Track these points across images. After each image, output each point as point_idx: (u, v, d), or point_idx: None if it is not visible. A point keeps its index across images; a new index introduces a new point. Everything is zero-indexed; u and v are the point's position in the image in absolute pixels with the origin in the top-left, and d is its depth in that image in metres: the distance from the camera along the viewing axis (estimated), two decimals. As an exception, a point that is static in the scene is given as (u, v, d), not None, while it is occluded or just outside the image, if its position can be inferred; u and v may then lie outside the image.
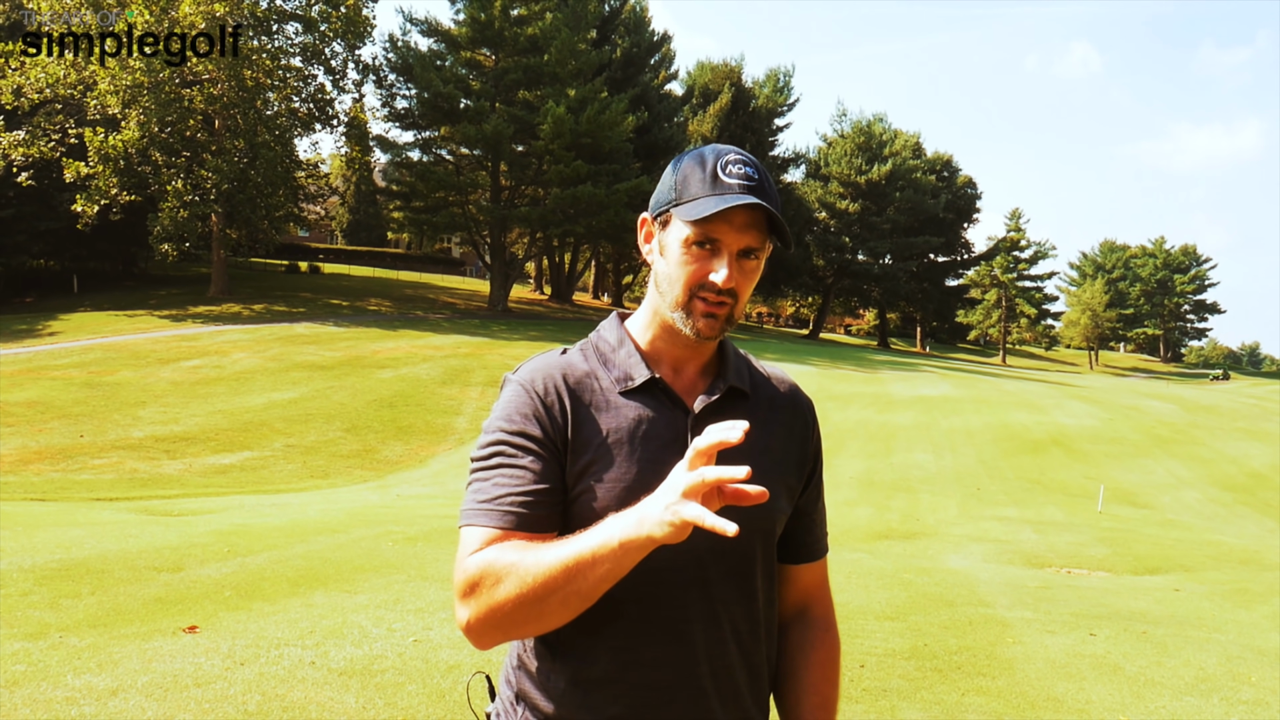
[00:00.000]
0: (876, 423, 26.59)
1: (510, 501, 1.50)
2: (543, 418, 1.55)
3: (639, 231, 1.68)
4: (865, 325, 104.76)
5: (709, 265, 1.55)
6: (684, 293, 1.56)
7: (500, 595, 1.41)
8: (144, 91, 40.80)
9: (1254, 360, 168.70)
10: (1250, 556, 13.86)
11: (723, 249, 1.55)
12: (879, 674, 5.79)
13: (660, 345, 1.66)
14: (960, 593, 9.04)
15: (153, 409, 24.10)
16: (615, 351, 1.65)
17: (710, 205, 1.52)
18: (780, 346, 54.96)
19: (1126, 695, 5.61)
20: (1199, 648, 6.98)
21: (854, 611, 7.73)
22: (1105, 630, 7.43)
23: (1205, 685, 5.89)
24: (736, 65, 71.22)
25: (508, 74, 50.02)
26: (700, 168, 1.58)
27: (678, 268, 1.57)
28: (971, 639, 6.89)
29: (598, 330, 1.71)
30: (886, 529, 15.09)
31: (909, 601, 8.38)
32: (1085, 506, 18.40)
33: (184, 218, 42.36)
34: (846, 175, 75.23)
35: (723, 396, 1.65)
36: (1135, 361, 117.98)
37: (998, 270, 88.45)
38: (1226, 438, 27.10)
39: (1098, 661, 6.37)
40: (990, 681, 5.76)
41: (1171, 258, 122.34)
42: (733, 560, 1.59)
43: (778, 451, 1.70)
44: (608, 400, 1.59)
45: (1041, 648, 6.71)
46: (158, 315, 41.66)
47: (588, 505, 1.53)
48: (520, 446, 1.53)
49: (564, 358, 1.65)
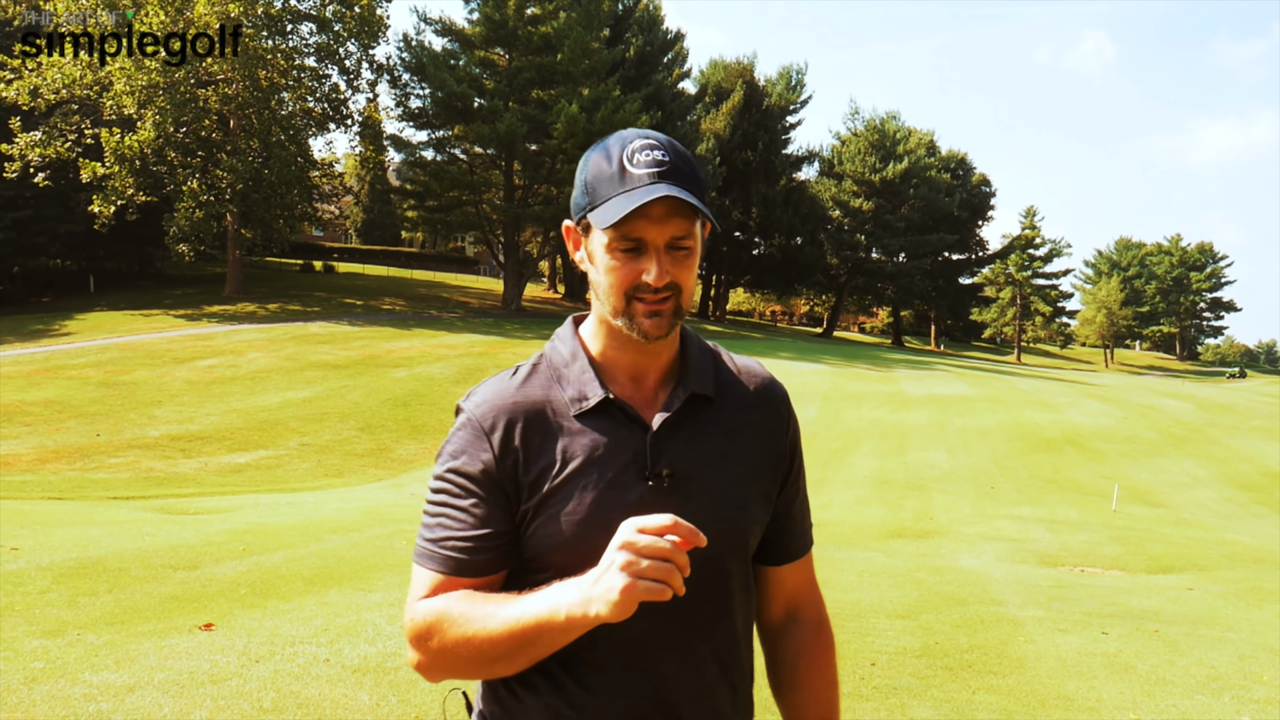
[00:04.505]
0: (890, 421, 26.56)
1: (453, 546, 1.49)
2: (490, 459, 1.49)
3: (566, 241, 1.58)
4: (879, 324, 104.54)
5: (639, 265, 1.47)
6: (620, 298, 1.48)
7: (449, 649, 1.44)
8: (159, 92, 41.03)
9: (1271, 358, 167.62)
10: (1265, 555, 13.81)
11: (648, 246, 1.46)
12: (889, 672, 5.81)
13: (613, 353, 1.57)
14: (972, 591, 9.04)
15: (168, 408, 24.25)
16: (569, 366, 1.56)
17: (620, 206, 1.43)
18: (794, 345, 54.92)
19: (1137, 693, 5.62)
20: (1211, 646, 6.98)
21: (865, 610, 7.74)
22: (1117, 629, 7.43)
23: (1217, 684, 5.89)
24: (749, 63, 71.14)
25: (521, 73, 50.09)
26: (607, 162, 1.48)
27: (607, 274, 1.49)
28: (983, 637, 6.90)
29: (553, 340, 1.63)
30: (899, 528, 15.08)
31: (921, 600, 8.39)
32: (1099, 505, 18.35)
33: (199, 218, 42.60)
34: (860, 173, 75.02)
35: (684, 407, 1.55)
36: (1151, 360, 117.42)
37: (1012, 268, 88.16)
38: (1243, 436, 26.98)
39: (1109, 660, 6.37)
40: (1001, 680, 5.77)
41: (1187, 255, 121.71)
42: (708, 581, 1.53)
43: (750, 458, 1.61)
44: (562, 426, 1.51)
45: (1053, 646, 6.72)
46: (173, 315, 41.89)
47: (545, 539, 1.49)
48: (464, 488, 1.50)
49: (517, 384, 1.56)
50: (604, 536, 1.36)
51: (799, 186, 74.18)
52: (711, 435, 1.57)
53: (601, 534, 1.38)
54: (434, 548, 1.50)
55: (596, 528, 1.44)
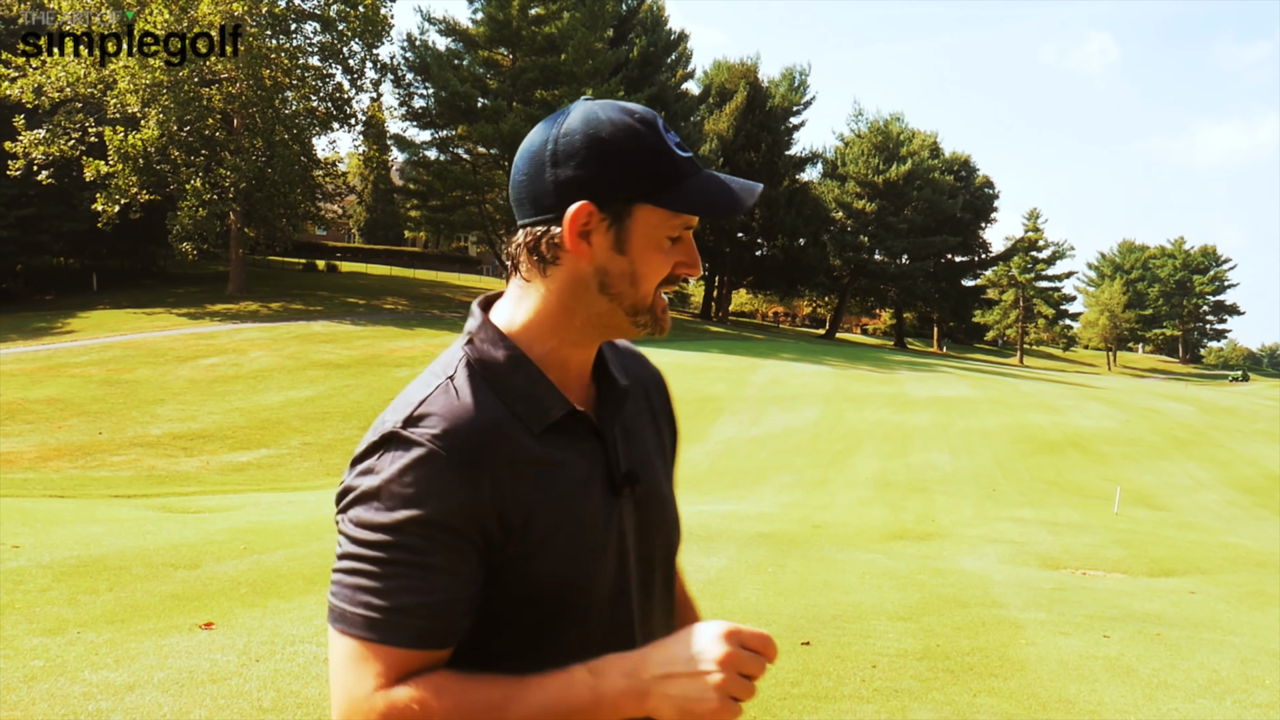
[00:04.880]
0: (893, 423, 26.54)
1: (425, 614, 1.19)
2: (467, 502, 1.21)
3: (570, 224, 1.27)
4: (882, 325, 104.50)
5: (673, 255, 1.32)
6: (653, 292, 1.32)
7: None
8: (163, 90, 41.08)
9: (1274, 362, 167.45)
10: (1267, 559, 13.78)
11: (688, 235, 1.34)
12: (890, 674, 5.80)
13: (567, 351, 1.35)
14: (974, 594, 9.02)
15: (170, 406, 24.27)
16: (512, 375, 1.31)
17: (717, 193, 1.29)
18: (796, 346, 54.90)
19: (1139, 697, 5.60)
20: (1213, 650, 6.96)
21: (866, 612, 7.73)
22: (1119, 632, 7.41)
23: (1219, 688, 5.87)
24: (752, 64, 71.21)
25: (525, 73, 50.14)
26: (647, 134, 1.30)
27: (647, 264, 1.30)
28: (984, 640, 6.89)
29: (473, 342, 1.34)
30: (901, 530, 15.05)
31: (922, 602, 8.38)
32: (1102, 508, 18.32)
33: (202, 216, 42.65)
34: (863, 175, 75.04)
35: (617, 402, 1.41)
36: (1154, 363, 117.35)
37: (1015, 270, 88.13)
38: (1245, 440, 26.95)
39: (1111, 663, 6.36)
40: (1002, 683, 5.76)
41: (1190, 258, 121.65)
42: (667, 585, 1.46)
43: (664, 447, 1.52)
44: (530, 449, 1.28)
45: (1054, 649, 6.70)
46: (176, 313, 41.93)
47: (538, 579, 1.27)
48: (434, 541, 1.19)
49: (469, 400, 1.27)
50: (596, 561, 1.30)
51: (802, 188, 74.22)
52: (641, 428, 1.46)
53: (593, 559, 1.30)
54: (397, 618, 1.17)
55: (589, 554, 1.30)
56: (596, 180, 1.27)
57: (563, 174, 1.28)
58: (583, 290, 1.31)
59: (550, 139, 1.30)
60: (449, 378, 1.29)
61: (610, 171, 1.27)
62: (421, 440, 1.21)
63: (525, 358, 1.32)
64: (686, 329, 58.28)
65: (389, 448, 1.22)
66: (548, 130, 1.32)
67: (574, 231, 1.27)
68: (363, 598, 1.18)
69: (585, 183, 1.27)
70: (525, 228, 1.32)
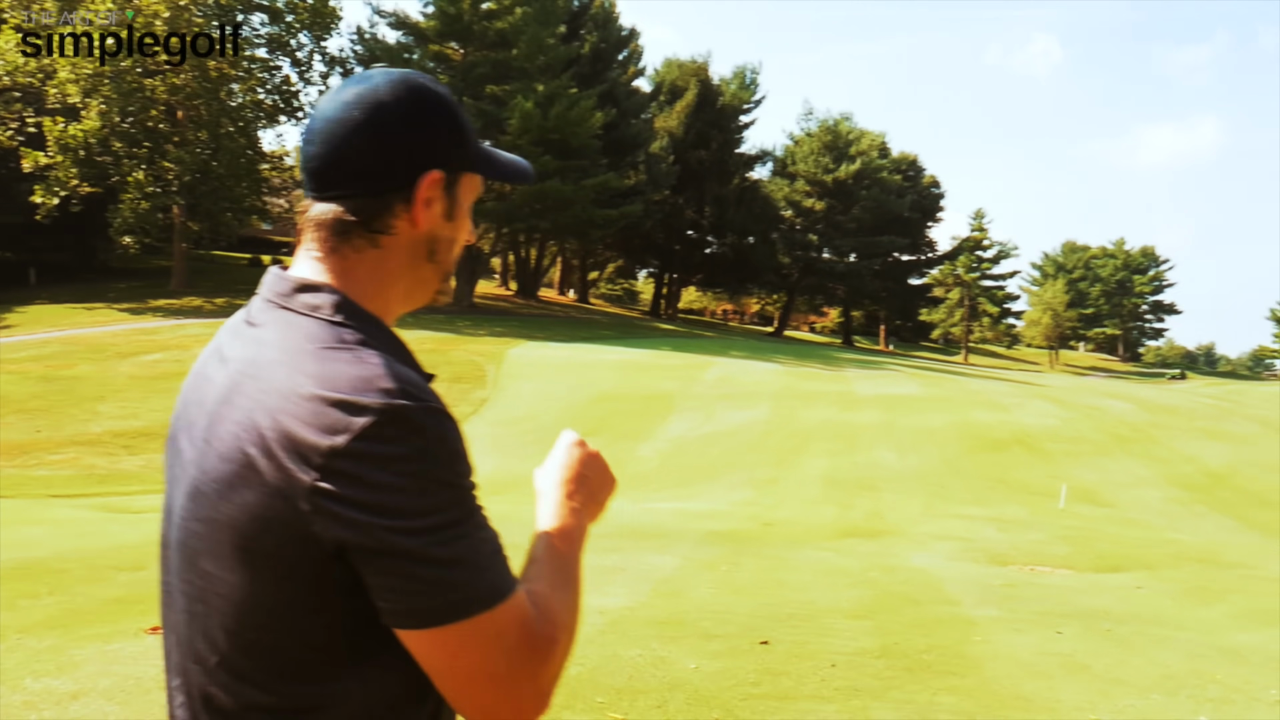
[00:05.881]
0: (841, 421, 26.69)
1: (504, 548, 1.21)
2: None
3: (420, 190, 1.27)
4: (829, 323, 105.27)
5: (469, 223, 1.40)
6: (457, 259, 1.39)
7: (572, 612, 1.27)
8: (105, 81, 40.23)
9: (1209, 360, 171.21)
10: (1209, 555, 14.04)
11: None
12: (850, 673, 5.79)
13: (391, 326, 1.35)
14: (926, 591, 9.08)
15: (112, 404, 23.78)
16: (392, 346, 1.28)
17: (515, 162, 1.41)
18: (746, 344, 55.09)
19: (1094, 694, 5.65)
20: (1163, 645, 7.05)
21: (821, 610, 7.74)
22: (1070, 628, 7.49)
23: (1171, 683, 5.94)
24: (703, 62, 71.36)
25: (476, 68, 49.81)
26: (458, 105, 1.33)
27: (464, 228, 1.37)
28: (939, 637, 6.92)
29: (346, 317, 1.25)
30: (851, 527, 15.14)
31: (876, 600, 8.41)
32: (1047, 505, 18.56)
33: (145, 209, 41.80)
34: (813, 174, 75.53)
35: None
36: (1094, 361, 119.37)
37: (961, 270, 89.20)
38: (1185, 437, 27.44)
39: (1065, 660, 6.41)
40: (960, 680, 5.78)
41: (1131, 258, 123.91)
42: None
43: None
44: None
45: (1008, 646, 6.75)
46: (117, 308, 41.10)
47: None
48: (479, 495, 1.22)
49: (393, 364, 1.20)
50: None
51: (752, 186, 74.59)
52: None
53: None
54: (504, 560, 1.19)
55: None
56: (442, 148, 1.29)
57: (392, 139, 1.25)
58: (415, 258, 1.31)
59: (378, 108, 1.26)
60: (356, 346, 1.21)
61: (452, 139, 1.29)
62: (433, 406, 1.18)
63: (387, 327, 1.30)
64: (636, 326, 58.27)
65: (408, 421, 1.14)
66: (368, 99, 1.26)
67: (424, 199, 1.27)
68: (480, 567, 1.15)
69: (433, 151, 1.28)
70: (354, 198, 1.26)
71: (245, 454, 1.16)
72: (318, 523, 1.12)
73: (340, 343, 1.20)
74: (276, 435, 1.13)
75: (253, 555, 1.17)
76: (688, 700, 5.16)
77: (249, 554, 1.17)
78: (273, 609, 1.18)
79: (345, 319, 1.24)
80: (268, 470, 1.14)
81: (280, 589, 1.17)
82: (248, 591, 1.18)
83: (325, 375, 1.16)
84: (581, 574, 1.31)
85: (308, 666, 1.19)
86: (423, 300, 1.37)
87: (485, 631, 1.14)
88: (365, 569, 1.13)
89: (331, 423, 1.12)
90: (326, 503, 1.11)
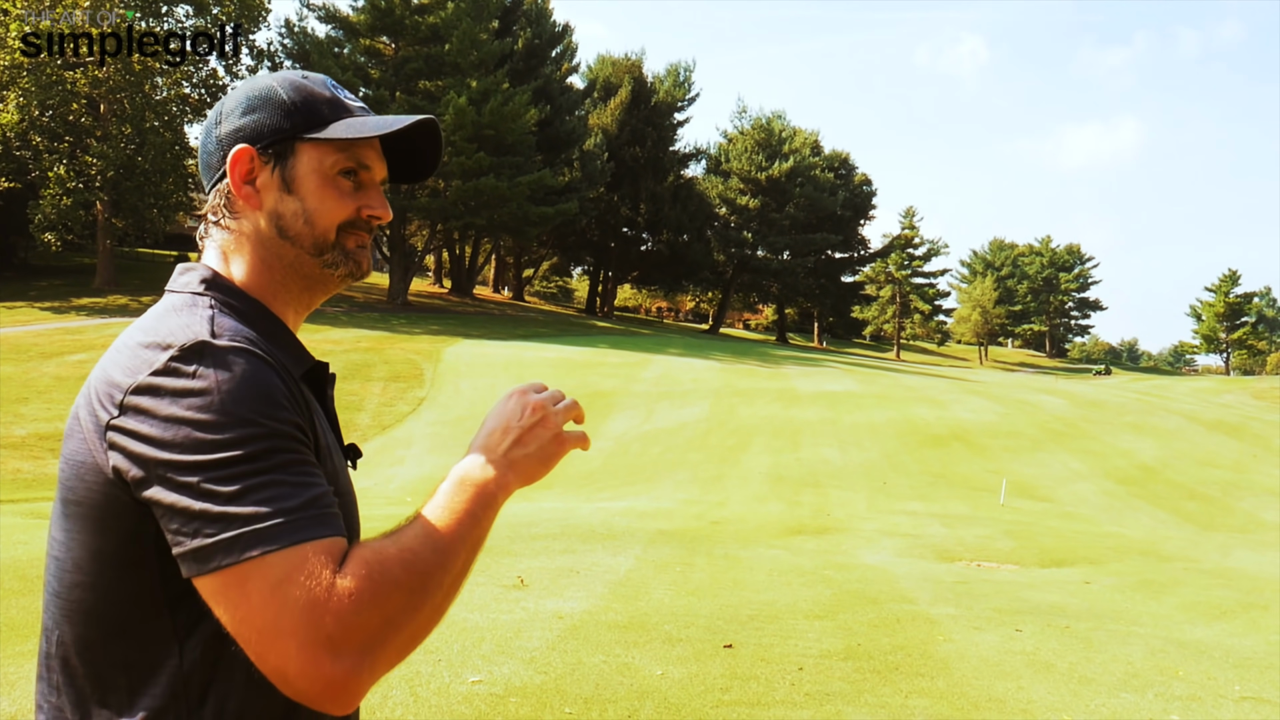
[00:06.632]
0: (782, 418, 26.76)
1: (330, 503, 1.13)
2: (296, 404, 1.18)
3: (232, 169, 1.30)
4: (763, 320, 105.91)
5: (356, 199, 1.34)
6: (332, 230, 1.32)
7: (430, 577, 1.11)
8: (23, 72, 38.97)
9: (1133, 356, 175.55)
10: (1149, 548, 14.26)
11: (368, 182, 1.36)
12: (818, 676, 5.70)
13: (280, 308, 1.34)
14: (883, 589, 9.04)
15: (36, 405, 22.99)
16: (258, 321, 1.27)
17: (375, 124, 1.32)
18: (683, 341, 55.13)
19: (1065, 694, 5.61)
20: (1122, 642, 7.07)
21: (782, 611, 7.65)
22: (1029, 626, 7.48)
23: (1137, 681, 5.93)
24: (637, 59, 71.30)
25: (408, 63, 49.18)
26: (315, 88, 1.35)
27: (320, 202, 1.31)
28: (903, 637, 6.86)
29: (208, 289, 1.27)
30: (798, 524, 15.12)
31: (834, 599, 8.34)
32: (988, 499, 18.75)
33: (67, 205, 40.54)
34: (747, 171, 75.82)
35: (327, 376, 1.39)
36: (1022, 357, 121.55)
37: (892, 267, 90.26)
38: (1115, 432, 27.95)
39: (1029, 659, 6.38)
40: (930, 682, 5.71)
41: (1057, 256, 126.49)
42: None
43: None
44: (299, 385, 1.24)
45: (973, 645, 6.71)
46: (39, 307, 39.85)
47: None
48: (301, 440, 1.15)
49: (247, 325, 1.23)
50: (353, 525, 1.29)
51: (687, 183, 74.66)
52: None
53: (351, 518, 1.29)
54: (318, 510, 1.09)
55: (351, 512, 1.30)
56: (252, 126, 1.31)
57: (224, 129, 1.32)
58: (268, 239, 1.31)
59: (218, 105, 1.36)
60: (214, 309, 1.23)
61: (264, 115, 1.31)
62: (242, 346, 1.15)
63: (265, 308, 1.31)
64: (572, 324, 58.00)
65: (208, 358, 1.12)
66: (221, 101, 1.37)
67: (239, 178, 1.30)
68: (275, 506, 1.06)
69: (241, 130, 1.31)
70: (211, 190, 1.34)
71: (76, 412, 1.19)
72: (114, 459, 1.10)
73: (186, 304, 1.23)
74: (98, 384, 1.16)
75: (70, 507, 1.16)
76: (658, 708, 5.02)
77: (68, 505, 1.17)
78: (89, 566, 1.15)
79: (207, 290, 1.26)
80: (85, 418, 1.15)
81: (95, 542, 1.14)
82: (68, 547, 1.17)
83: (153, 327, 1.18)
84: (477, 536, 1.18)
85: (129, 631, 1.14)
86: (319, 284, 1.36)
87: (265, 577, 1.04)
88: (155, 510, 1.08)
89: (140, 362, 1.13)
90: (118, 437, 1.10)
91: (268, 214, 1.31)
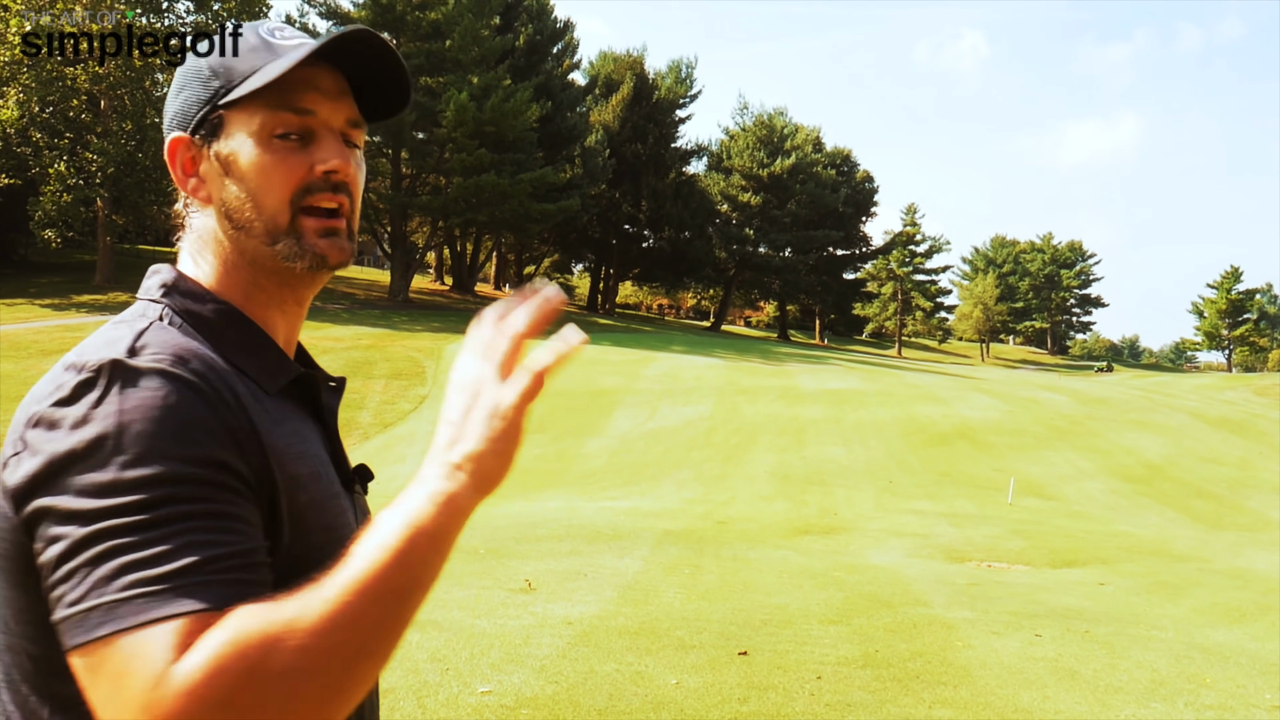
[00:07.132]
0: (787, 416, 26.60)
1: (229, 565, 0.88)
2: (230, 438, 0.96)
3: (172, 164, 1.15)
4: (765, 317, 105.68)
5: (305, 157, 1.10)
6: (283, 209, 1.10)
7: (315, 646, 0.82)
8: (23, 69, 38.80)
9: (1134, 353, 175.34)
10: (1159, 548, 14.11)
11: (319, 129, 1.11)
12: (837, 686, 5.54)
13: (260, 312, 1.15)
14: (895, 591, 8.89)
15: (34, 404, 22.89)
16: (226, 328, 1.10)
17: (292, 56, 1.08)
18: (685, 339, 54.96)
19: (1092, 703, 5.46)
20: (1145, 647, 6.91)
21: (795, 615, 7.50)
22: (1048, 630, 7.33)
23: (1165, 689, 5.78)
24: (639, 55, 71.07)
25: (410, 59, 48.94)
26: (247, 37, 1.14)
27: (260, 176, 1.09)
28: (920, 644, 6.71)
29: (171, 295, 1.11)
30: (805, 524, 14.98)
31: (847, 602, 8.19)
32: (995, 498, 18.60)
33: (67, 202, 40.36)
34: (748, 168, 75.57)
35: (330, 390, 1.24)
36: (1023, 354, 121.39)
37: (894, 264, 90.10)
38: (1120, 429, 27.80)
39: (1052, 666, 6.23)
40: (952, 691, 5.55)
41: (1058, 253, 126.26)
42: None
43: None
44: (268, 408, 1.05)
45: (992, 652, 6.56)
46: (39, 304, 39.72)
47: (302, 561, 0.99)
48: (217, 482, 0.92)
49: (198, 341, 1.05)
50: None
51: (688, 180, 74.41)
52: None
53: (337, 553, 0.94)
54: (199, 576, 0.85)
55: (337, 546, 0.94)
56: (180, 109, 1.15)
57: (165, 121, 1.18)
58: (222, 234, 1.14)
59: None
60: (154, 320, 1.05)
61: (190, 92, 1.14)
62: (161, 367, 0.95)
63: (238, 311, 1.13)
64: (574, 321, 57.45)
65: (114, 383, 0.93)
66: None
67: (180, 172, 1.15)
68: (141, 573, 0.84)
69: (173, 117, 1.16)
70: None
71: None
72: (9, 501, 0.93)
73: (134, 315, 1.08)
74: (19, 410, 0.97)
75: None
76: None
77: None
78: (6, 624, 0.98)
79: (165, 295, 1.11)
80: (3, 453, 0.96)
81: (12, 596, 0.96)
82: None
83: (87, 341, 1.02)
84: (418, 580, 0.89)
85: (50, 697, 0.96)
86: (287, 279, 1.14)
87: (111, 662, 0.82)
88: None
89: (53, 387, 0.95)
90: (11, 475, 0.92)
91: (217, 203, 1.13)
